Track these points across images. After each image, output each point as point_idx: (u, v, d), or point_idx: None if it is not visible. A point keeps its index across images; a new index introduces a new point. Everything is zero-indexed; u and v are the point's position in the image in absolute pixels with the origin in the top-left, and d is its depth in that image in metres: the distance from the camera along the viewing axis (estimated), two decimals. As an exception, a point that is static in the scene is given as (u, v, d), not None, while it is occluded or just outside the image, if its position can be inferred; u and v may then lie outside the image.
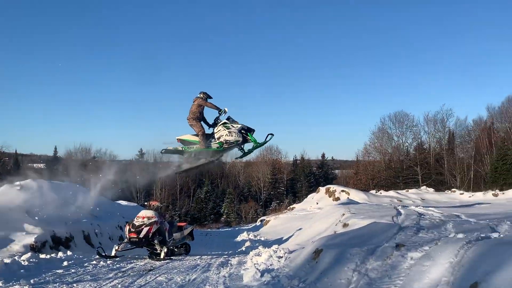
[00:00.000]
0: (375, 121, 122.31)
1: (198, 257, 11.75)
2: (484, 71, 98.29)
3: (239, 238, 20.12)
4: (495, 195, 27.98)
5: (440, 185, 51.39)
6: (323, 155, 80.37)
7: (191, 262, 10.26)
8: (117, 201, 21.55)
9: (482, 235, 6.03)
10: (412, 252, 5.59)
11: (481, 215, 11.01)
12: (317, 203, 25.53)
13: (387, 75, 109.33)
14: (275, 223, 22.83)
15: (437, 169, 54.05)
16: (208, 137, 11.76)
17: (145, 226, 10.90)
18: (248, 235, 20.40)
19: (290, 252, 9.76)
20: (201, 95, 11.86)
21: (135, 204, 21.76)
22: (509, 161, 39.54)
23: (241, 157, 12.39)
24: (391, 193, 29.80)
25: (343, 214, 12.62)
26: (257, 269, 7.84)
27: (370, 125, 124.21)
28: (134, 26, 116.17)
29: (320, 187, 28.11)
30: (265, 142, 11.82)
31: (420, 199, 27.53)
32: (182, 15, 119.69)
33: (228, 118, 11.77)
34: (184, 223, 13.69)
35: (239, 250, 15.14)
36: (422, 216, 9.52)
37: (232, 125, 11.54)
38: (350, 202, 18.21)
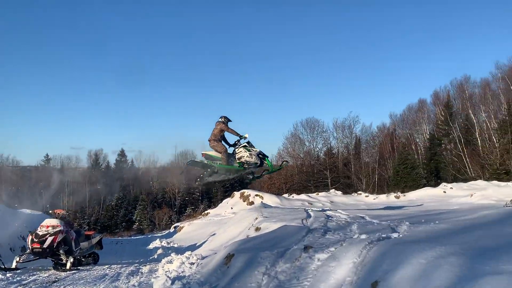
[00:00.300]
0: (288, 127, 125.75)
1: (107, 266, 11.25)
2: (388, 80, 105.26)
3: (151, 246, 19.58)
4: (397, 197, 29.92)
5: (348, 188, 54.08)
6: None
7: (99, 272, 9.79)
8: (20, 209, 19.99)
9: (383, 235, 6.37)
10: (319, 254, 5.76)
11: (383, 216, 11.69)
12: (232, 208, 25.61)
13: (302, 84, 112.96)
14: (189, 229, 22.54)
15: (345, 173, 56.90)
16: (229, 156, 12.46)
17: (50, 236, 10.33)
18: (161, 242, 19.93)
19: (203, 258, 9.66)
20: (223, 119, 12.64)
21: (40, 212, 20.33)
22: (409, 165, 42.62)
23: (251, 180, 13.63)
24: (303, 196, 30.73)
25: (256, 218, 12.75)
26: (168, 276, 7.66)
27: (283, 131, 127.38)
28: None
29: (235, 192, 28.26)
30: (280, 168, 13.09)
31: (329, 201, 28.67)
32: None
33: (248, 142, 12.58)
34: (93, 232, 13.14)
35: (151, 258, 14.73)
36: (330, 218, 9.91)
37: (251, 149, 12.42)
38: (263, 206, 18.47)
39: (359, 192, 35.06)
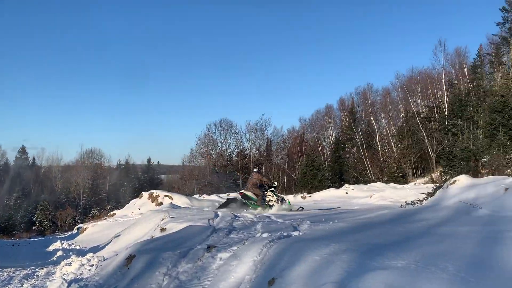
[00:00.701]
0: (202, 127, 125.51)
1: (-2, 270, 10.36)
2: (299, 85, 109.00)
3: (51, 248, 18.30)
4: (303, 198, 30.96)
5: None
6: (149, 160, 79.15)
7: (-13, 277, 8.98)
8: None
9: (284, 234, 6.54)
10: (221, 253, 5.76)
11: (288, 215, 12.02)
12: (139, 209, 24.79)
13: (217, 83, 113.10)
14: (92, 231, 21.46)
15: (256, 174, 57.93)
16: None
17: None
18: (62, 244, 18.74)
19: (104, 259, 9.25)
20: (258, 170, 15.68)
21: None
22: (315, 167, 44.37)
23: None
24: (213, 197, 30.64)
25: (163, 219, 12.47)
26: (65, 279, 7.23)
27: (197, 131, 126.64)
28: None
29: (143, 192, 27.35)
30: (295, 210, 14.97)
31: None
32: None
33: (275, 187, 15.48)
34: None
35: (49, 260, 13.78)
36: (237, 218, 9.95)
37: (278, 194, 15.31)
38: (172, 207, 18.12)
39: (268, 193, 35.76)
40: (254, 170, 16.08)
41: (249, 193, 15.23)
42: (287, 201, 15.59)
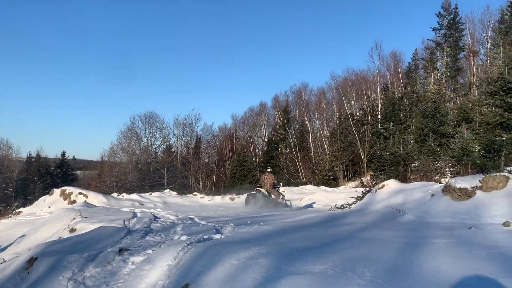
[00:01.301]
0: (124, 120, 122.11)
1: None
2: (232, 81, 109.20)
3: None
4: (232, 199, 31.11)
5: (184, 188, 54.54)
6: (63, 154, 75.74)
7: None
8: None
9: (205, 237, 6.52)
10: (134, 257, 5.64)
11: (212, 217, 12.01)
12: (50, 207, 23.71)
13: (143, 76, 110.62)
14: (-6, 230, 20.24)
15: (183, 172, 57.09)
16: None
17: None
18: (-45, 245, 17.52)
19: (4, 262, 8.73)
20: (271, 170, 20.34)
21: None
22: (246, 167, 44.67)
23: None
24: (134, 196, 29.96)
25: (74, 219, 12.02)
26: (-48, 286, 6.73)
27: (119, 124, 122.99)
28: None
29: (54, 189, 26.16)
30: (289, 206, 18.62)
31: (162, 202, 28.47)
32: None
33: (280, 186, 20.34)
34: None
35: None
36: (156, 219, 9.80)
37: (283, 191, 19.30)
38: (87, 206, 17.49)
39: (194, 193, 35.55)
40: (269, 170, 19.59)
41: (263, 190, 18.49)
42: (290, 202, 19.21)
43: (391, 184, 13.15)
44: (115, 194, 32.09)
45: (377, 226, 8.03)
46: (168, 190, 36.29)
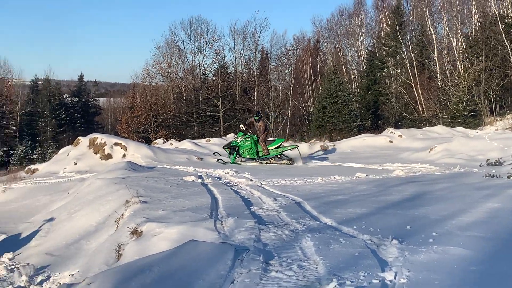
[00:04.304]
0: (162, 30, 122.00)
1: None
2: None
3: None
4: (324, 148, 30.11)
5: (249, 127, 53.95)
6: (81, 77, 76.90)
7: None
8: None
9: (374, 281, 5.59)
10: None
11: (327, 201, 11.09)
12: (76, 163, 23.81)
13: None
14: (4, 199, 20.34)
15: (245, 103, 56.12)
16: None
17: None
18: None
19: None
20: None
21: None
22: (341, 99, 42.99)
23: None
24: (187, 144, 29.77)
25: (127, 202, 11.50)
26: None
27: (156, 35, 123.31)
28: None
29: (80, 137, 26.09)
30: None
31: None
32: None
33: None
34: None
35: None
36: (265, 224, 8.81)
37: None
38: (132, 167, 17.10)
39: (270, 139, 34.85)
40: (256, 117, 23.78)
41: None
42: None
43: None
44: (159, 141, 32.06)
45: None
46: (232, 134, 35.89)
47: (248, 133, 23.60)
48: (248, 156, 23.18)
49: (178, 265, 6.45)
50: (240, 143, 23.18)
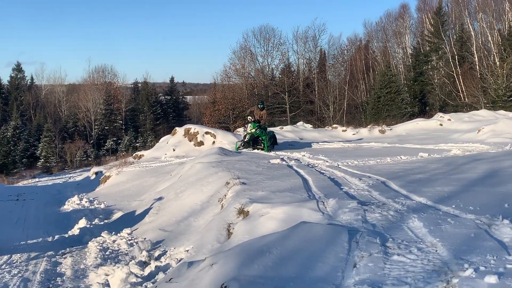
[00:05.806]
0: (237, 37, 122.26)
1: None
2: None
3: (68, 206, 17.02)
4: (382, 132, 28.69)
5: (310, 116, 52.85)
6: (172, 79, 77.19)
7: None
8: None
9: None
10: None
11: (403, 175, 9.90)
12: (174, 150, 23.34)
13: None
14: (117, 180, 20.11)
15: (308, 96, 55.18)
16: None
17: None
18: (81, 200, 17.49)
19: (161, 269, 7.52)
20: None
21: None
22: (393, 89, 41.23)
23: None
24: (265, 132, 28.83)
25: (227, 184, 10.62)
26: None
27: (231, 42, 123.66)
28: None
29: (177, 128, 25.69)
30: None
31: (298, 138, 26.97)
32: None
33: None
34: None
35: (70, 234, 12.32)
36: (367, 204, 7.72)
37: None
38: (223, 152, 16.24)
39: (334, 125, 33.53)
40: (260, 106, 20.91)
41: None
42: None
43: None
44: (240, 130, 31.26)
45: None
46: (301, 122, 34.75)
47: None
48: (268, 144, 19.44)
49: (294, 247, 5.43)
50: (262, 134, 19.47)
